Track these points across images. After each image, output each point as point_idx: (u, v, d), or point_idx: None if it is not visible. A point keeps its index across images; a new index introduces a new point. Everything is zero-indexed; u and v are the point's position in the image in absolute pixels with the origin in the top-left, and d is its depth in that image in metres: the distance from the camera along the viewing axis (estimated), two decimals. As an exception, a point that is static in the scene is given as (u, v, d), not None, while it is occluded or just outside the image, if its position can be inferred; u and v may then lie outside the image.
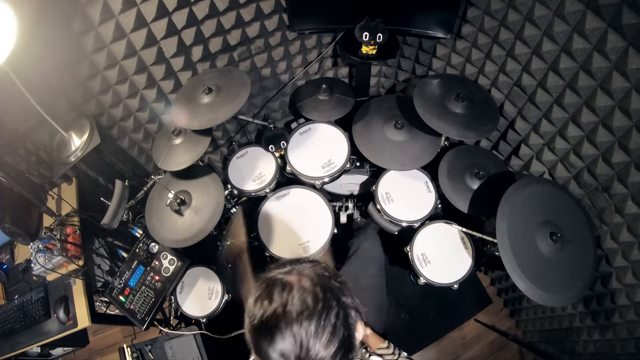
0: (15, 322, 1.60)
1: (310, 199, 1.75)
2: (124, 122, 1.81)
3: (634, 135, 1.15)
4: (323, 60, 2.09)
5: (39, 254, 1.57)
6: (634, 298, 1.32)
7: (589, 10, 1.12)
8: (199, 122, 1.46)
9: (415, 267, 1.60)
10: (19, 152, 1.66)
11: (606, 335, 1.47)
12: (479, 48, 1.61)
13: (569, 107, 1.34)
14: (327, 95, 1.84)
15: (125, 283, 1.62)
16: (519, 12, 1.35)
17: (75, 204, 1.73)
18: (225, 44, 1.74)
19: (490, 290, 2.24)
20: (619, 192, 1.27)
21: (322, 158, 1.78)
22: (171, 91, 1.79)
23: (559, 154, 1.47)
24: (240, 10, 1.65)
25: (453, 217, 1.65)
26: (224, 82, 1.54)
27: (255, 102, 2.14)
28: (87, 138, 1.54)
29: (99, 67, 1.53)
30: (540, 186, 1.37)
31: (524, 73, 1.46)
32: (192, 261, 1.67)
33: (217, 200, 1.55)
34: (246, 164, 1.88)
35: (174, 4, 1.48)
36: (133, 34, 1.49)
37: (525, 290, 1.20)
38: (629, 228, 1.28)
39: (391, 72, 2.16)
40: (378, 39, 1.62)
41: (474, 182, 1.57)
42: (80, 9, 1.34)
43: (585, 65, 1.21)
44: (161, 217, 1.58)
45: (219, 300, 1.66)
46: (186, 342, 1.63)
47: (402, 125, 1.68)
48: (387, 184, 1.75)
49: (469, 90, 1.59)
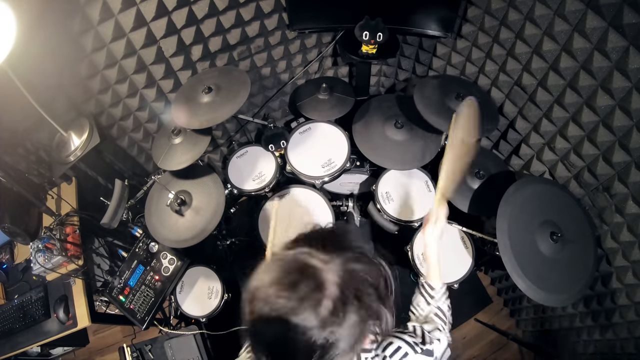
0: (15, 322, 1.60)
1: (311, 198, 1.75)
2: (124, 122, 1.81)
3: (634, 134, 1.15)
4: (323, 60, 2.09)
5: (39, 254, 1.56)
6: (634, 298, 1.32)
7: (590, 10, 1.12)
8: (198, 122, 1.45)
9: (415, 266, 1.60)
10: (18, 151, 1.66)
11: (606, 335, 1.47)
12: (480, 47, 1.61)
13: (570, 106, 1.34)
14: (327, 94, 1.83)
15: (125, 283, 1.61)
16: (519, 12, 1.35)
17: (74, 203, 1.73)
18: (225, 43, 1.74)
19: (490, 290, 2.24)
20: (620, 191, 1.27)
21: (322, 157, 1.77)
22: (171, 90, 1.78)
23: (560, 153, 1.46)
24: (240, 9, 1.64)
25: (453, 217, 1.65)
26: (224, 82, 1.54)
27: (255, 101, 2.14)
28: (87, 137, 1.54)
29: (99, 67, 1.53)
30: (541, 186, 1.37)
31: (525, 72, 1.45)
32: (192, 261, 1.67)
33: (217, 200, 1.54)
34: (246, 163, 1.88)
35: (174, 3, 1.48)
36: (132, 33, 1.48)
37: (525, 290, 1.19)
38: (630, 228, 1.28)
39: (391, 71, 2.16)
40: (378, 38, 1.61)
41: (474, 182, 1.57)
42: (80, 9, 1.34)
43: (585, 64, 1.20)
44: (161, 217, 1.58)
45: (219, 300, 1.66)
46: (186, 342, 1.63)
47: (402, 124, 1.68)
48: (387, 183, 1.75)
49: (469, 91, 1.58)
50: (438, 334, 0.94)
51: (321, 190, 1.77)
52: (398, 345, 0.83)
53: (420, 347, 0.85)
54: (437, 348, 0.89)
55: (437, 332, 0.94)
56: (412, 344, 0.84)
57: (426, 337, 0.89)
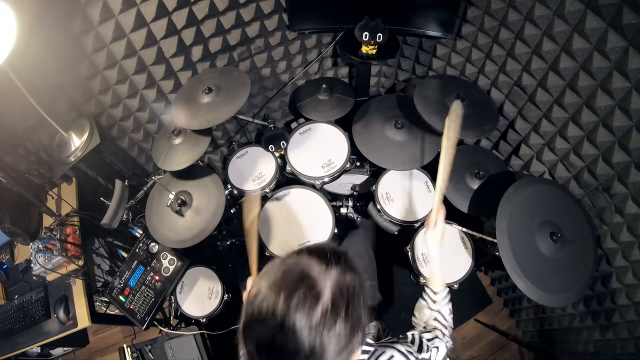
0: (15, 322, 1.60)
1: (311, 199, 1.75)
2: (124, 122, 1.81)
3: (634, 135, 1.15)
4: (323, 60, 2.09)
5: (39, 254, 1.56)
6: (634, 298, 1.32)
7: (589, 10, 1.12)
8: (198, 122, 1.45)
9: (415, 267, 1.60)
10: (18, 151, 1.67)
11: (606, 335, 1.47)
12: (479, 48, 1.61)
13: (569, 107, 1.34)
14: (327, 95, 1.84)
15: (125, 283, 1.61)
16: (519, 12, 1.35)
17: (75, 203, 1.73)
18: (225, 43, 1.74)
19: (490, 290, 2.24)
20: (619, 192, 1.27)
21: (322, 158, 1.78)
22: (171, 91, 1.79)
23: (559, 153, 1.46)
24: (240, 10, 1.65)
25: (453, 217, 1.65)
26: (224, 82, 1.54)
27: (255, 102, 2.14)
28: (87, 138, 1.54)
29: (99, 67, 1.53)
30: (541, 186, 1.37)
31: (524, 73, 1.46)
32: (192, 261, 1.67)
33: (217, 200, 1.54)
34: (246, 163, 1.88)
35: (174, 4, 1.48)
36: (133, 33, 1.48)
37: (525, 290, 1.20)
38: (629, 228, 1.28)
39: (391, 71, 2.16)
40: (378, 39, 1.62)
41: (474, 182, 1.57)
42: (80, 9, 1.34)
43: (585, 65, 1.21)
44: (162, 217, 1.58)
45: (219, 300, 1.66)
46: (186, 342, 1.63)
47: (402, 125, 1.68)
48: (387, 183, 1.75)
49: (469, 91, 1.59)
50: (437, 342, 0.94)
51: (321, 191, 1.78)
52: (391, 354, 0.84)
53: (415, 356, 0.86)
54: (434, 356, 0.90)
55: (436, 341, 0.95)
56: (406, 352, 0.86)
57: (423, 346, 0.90)
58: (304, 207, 1.73)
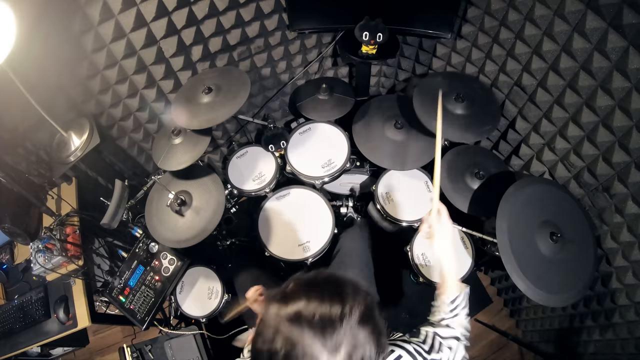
0: (15, 322, 1.60)
1: (311, 198, 1.75)
2: (124, 122, 1.81)
3: (634, 135, 1.15)
4: (323, 60, 2.09)
5: (39, 254, 1.56)
6: (634, 298, 1.32)
7: (590, 10, 1.12)
8: (198, 122, 1.45)
9: (415, 266, 1.60)
10: (18, 151, 1.66)
11: (606, 335, 1.47)
12: (479, 48, 1.61)
13: (570, 106, 1.34)
14: (327, 95, 1.83)
15: (125, 283, 1.61)
16: (519, 12, 1.35)
17: (75, 203, 1.73)
18: (225, 43, 1.74)
19: (490, 290, 2.24)
20: (619, 192, 1.27)
21: (322, 158, 1.78)
22: (171, 91, 1.78)
23: (559, 153, 1.46)
24: (240, 9, 1.65)
25: (453, 217, 1.64)
26: (224, 82, 1.54)
27: (255, 101, 2.14)
28: (87, 138, 1.54)
29: (99, 67, 1.53)
30: (541, 186, 1.37)
31: (524, 73, 1.45)
32: (192, 261, 1.67)
33: (217, 200, 1.54)
34: (246, 163, 1.88)
35: (174, 4, 1.48)
36: (133, 33, 1.48)
37: (525, 290, 1.19)
38: (629, 228, 1.28)
39: (391, 71, 2.16)
40: (378, 39, 1.62)
41: (474, 182, 1.57)
42: (80, 9, 1.34)
43: (585, 65, 1.21)
44: (162, 217, 1.58)
45: (219, 300, 1.66)
46: (186, 342, 1.63)
47: (402, 125, 1.68)
48: (387, 184, 1.75)
49: (470, 89, 1.58)
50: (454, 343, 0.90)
51: (321, 191, 1.78)
52: (399, 354, 0.80)
53: (425, 356, 0.82)
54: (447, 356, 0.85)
55: (453, 341, 0.90)
56: (415, 353, 0.81)
57: (435, 345, 0.85)
58: (304, 207, 1.73)
